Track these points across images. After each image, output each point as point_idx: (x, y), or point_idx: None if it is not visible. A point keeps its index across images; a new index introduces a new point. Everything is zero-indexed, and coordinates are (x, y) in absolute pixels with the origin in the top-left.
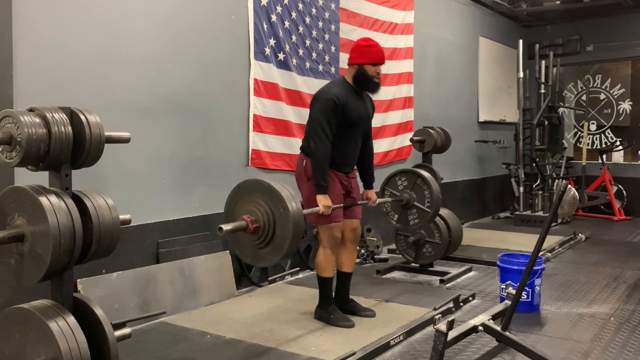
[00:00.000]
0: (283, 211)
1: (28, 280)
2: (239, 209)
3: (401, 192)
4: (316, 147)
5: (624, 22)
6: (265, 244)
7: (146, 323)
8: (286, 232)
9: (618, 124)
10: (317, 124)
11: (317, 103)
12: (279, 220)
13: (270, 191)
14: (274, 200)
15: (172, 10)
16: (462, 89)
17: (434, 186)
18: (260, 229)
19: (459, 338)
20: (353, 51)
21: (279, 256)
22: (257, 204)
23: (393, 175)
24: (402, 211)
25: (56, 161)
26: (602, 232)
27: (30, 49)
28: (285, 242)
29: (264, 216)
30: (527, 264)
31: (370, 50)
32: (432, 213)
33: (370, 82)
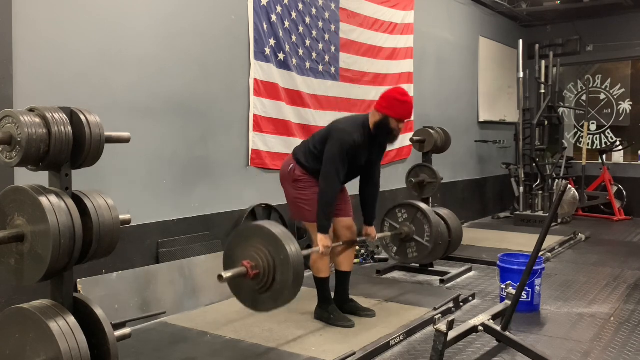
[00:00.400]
0: (284, 257)
1: (28, 280)
2: (238, 254)
3: (401, 225)
4: (327, 187)
5: (624, 22)
6: (265, 290)
7: (146, 323)
8: (287, 278)
9: (618, 124)
10: (332, 163)
11: (338, 143)
12: (279, 266)
13: (270, 236)
14: (274, 245)
15: (172, 10)
16: (462, 89)
17: (434, 220)
18: (260, 275)
19: (459, 338)
20: (384, 99)
21: (279, 303)
22: (257, 249)
23: (393, 208)
24: (401, 244)
25: (56, 161)
26: (602, 232)
27: (30, 49)
28: (285, 289)
29: (264, 262)
30: (527, 264)
31: (401, 105)
32: (432, 248)
33: (390, 135)
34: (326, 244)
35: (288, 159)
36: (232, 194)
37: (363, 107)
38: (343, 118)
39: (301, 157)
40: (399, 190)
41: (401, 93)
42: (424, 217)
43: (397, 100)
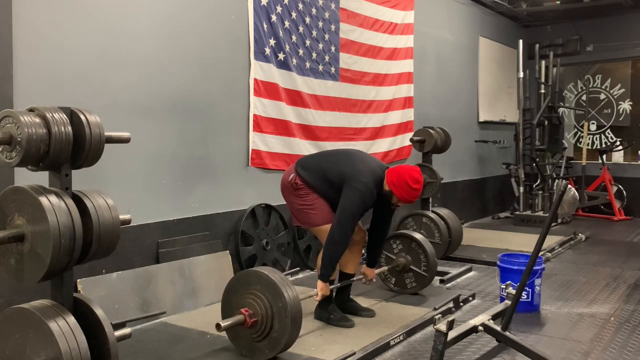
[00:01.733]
0: (282, 305)
1: (28, 280)
2: (236, 301)
3: (397, 256)
4: (340, 237)
5: (624, 22)
6: (262, 337)
7: (146, 323)
8: (284, 327)
9: (618, 124)
10: (351, 214)
11: (359, 196)
12: (277, 314)
13: (269, 284)
14: (273, 293)
15: (172, 10)
16: (462, 89)
17: (429, 249)
18: (258, 322)
19: (459, 338)
20: (397, 176)
21: (275, 351)
22: (255, 296)
23: (387, 240)
24: (398, 275)
25: (56, 161)
26: (602, 232)
27: (30, 49)
28: (283, 338)
29: (261, 309)
30: (527, 264)
31: (410, 192)
32: (429, 277)
33: (390, 205)
34: (325, 292)
35: (289, 170)
36: (232, 194)
37: (363, 107)
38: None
39: (306, 173)
40: None
41: (415, 180)
42: (419, 246)
43: (409, 187)
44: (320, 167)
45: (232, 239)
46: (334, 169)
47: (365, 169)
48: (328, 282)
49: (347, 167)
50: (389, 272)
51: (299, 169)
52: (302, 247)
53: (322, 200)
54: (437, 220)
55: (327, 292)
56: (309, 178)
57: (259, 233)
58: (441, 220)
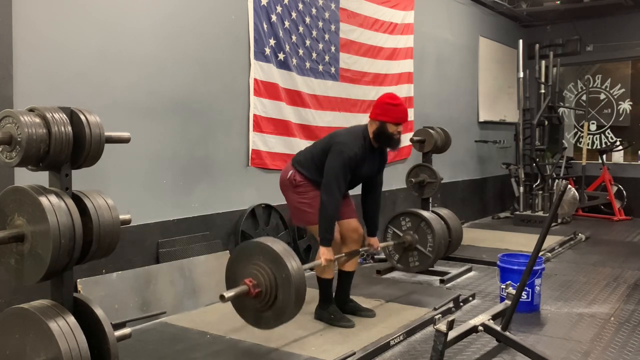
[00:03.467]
0: (285, 276)
1: (28, 280)
2: (240, 272)
3: (404, 233)
4: (328, 200)
5: (624, 22)
6: (267, 307)
7: (146, 323)
8: (288, 297)
9: (618, 124)
10: (334, 177)
11: (339, 156)
12: (281, 284)
13: (272, 254)
14: (276, 263)
15: (172, 10)
16: (462, 89)
17: (437, 230)
18: (262, 293)
19: (459, 338)
20: (377, 107)
21: (281, 321)
22: (259, 266)
23: (397, 216)
24: (403, 252)
25: (56, 161)
26: (602, 232)
27: (30, 49)
28: (287, 307)
29: (265, 280)
30: (527, 264)
31: (395, 109)
32: (433, 258)
33: (391, 140)
34: (328, 257)
35: (287, 167)
36: (232, 194)
37: (363, 107)
38: (343, 130)
39: (301, 168)
40: (399, 190)
41: (392, 97)
42: (428, 227)
43: (390, 104)
44: (310, 154)
45: (232, 239)
46: (320, 147)
47: (342, 132)
48: (330, 247)
49: (327, 138)
50: (393, 249)
51: (296, 165)
52: (302, 247)
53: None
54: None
55: (331, 257)
56: (306, 172)
57: (259, 233)
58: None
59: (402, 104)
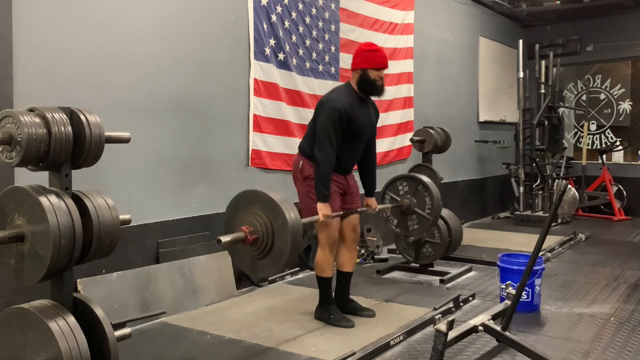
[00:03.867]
0: (281, 223)
1: (28, 280)
2: (237, 220)
3: (402, 198)
4: (322, 157)
5: (624, 22)
6: (264, 254)
7: (146, 323)
8: (285, 243)
9: (618, 124)
10: (325, 133)
11: (325, 111)
12: (278, 231)
13: (268, 202)
14: (273, 211)
15: (172, 10)
16: (462, 89)
17: (435, 193)
18: (259, 240)
19: (459, 338)
20: (356, 56)
21: (278, 267)
22: (255, 214)
23: (394, 180)
24: (401, 217)
25: (56, 161)
26: (602, 232)
27: (30, 49)
28: (284, 253)
29: (262, 227)
30: (527, 264)
31: (374, 55)
32: (432, 220)
33: (374, 86)
34: (326, 212)
35: (296, 157)
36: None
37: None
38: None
39: (306, 150)
40: None
41: (369, 45)
42: (425, 189)
43: (367, 51)
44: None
45: None
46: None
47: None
48: (327, 203)
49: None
50: (391, 213)
51: (302, 152)
52: (303, 244)
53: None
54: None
55: (328, 212)
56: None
57: None
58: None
59: (380, 50)
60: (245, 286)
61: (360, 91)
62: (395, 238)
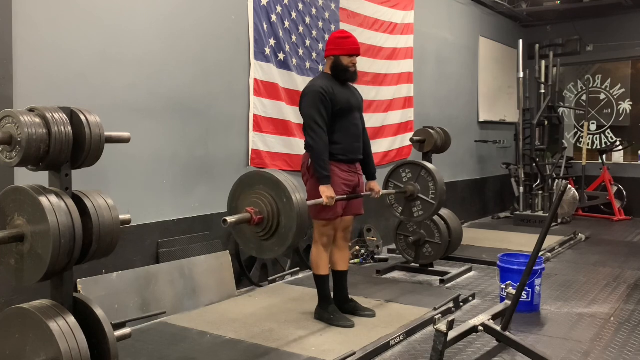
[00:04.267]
0: (287, 201)
1: (28, 280)
2: (242, 202)
3: (405, 184)
4: (313, 140)
5: (624, 22)
6: (270, 235)
7: (146, 323)
8: (291, 222)
9: (618, 124)
10: (309, 119)
11: (305, 99)
12: (283, 210)
13: (273, 182)
14: (277, 191)
15: (172, 10)
16: (462, 89)
17: (438, 178)
18: (265, 220)
19: (459, 338)
20: (328, 43)
21: (285, 247)
22: (260, 195)
23: (397, 168)
24: (406, 203)
25: (56, 161)
26: (602, 232)
27: (30, 49)
28: (290, 232)
29: (267, 207)
30: (527, 264)
31: (345, 41)
32: (437, 205)
33: (347, 72)
34: (329, 194)
35: (304, 156)
36: None
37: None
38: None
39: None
40: None
41: (341, 32)
42: (428, 174)
43: (339, 38)
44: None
45: (232, 239)
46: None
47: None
48: (329, 185)
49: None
50: (395, 201)
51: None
52: (302, 247)
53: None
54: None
55: (332, 194)
56: None
57: None
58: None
59: (351, 37)
60: (245, 286)
61: (335, 78)
62: (394, 238)
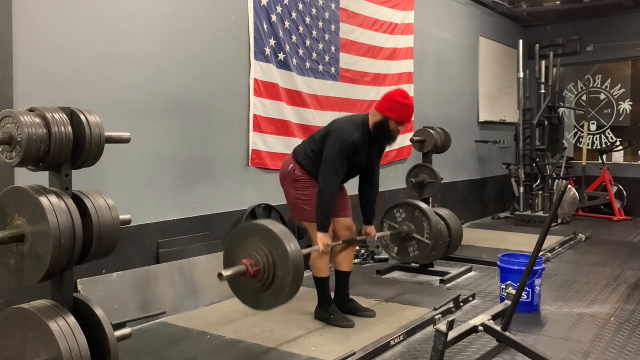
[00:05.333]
0: (282, 252)
1: (28, 280)
2: (238, 254)
3: (400, 224)
4: (325, 185)
5: (624, 22)
6: (266, 287)
7: (146, 323)
8: (286, 273)
9: (618, 124)
10: (331, 162)
11: (336, 142)
12: (279, 261)
13: (267, 233)
14: (272, 241)
15: (172, 10)
16: (462, 89)
17: (433, 217)
18: (261, 272)
19: (459, 338)
20: (385, 100)
21: (281, 299)
22: (255, 247)
23: (391, 208)
24: (401, 243)
25: (56, 161)
26: (602, 232)
27: (30, 49)
28: (286, 283)
29: (263, 259)
30: (527, 264)
31: (402, 108)
32: (432, 244)
33: (389, 137)
34: (326, 242)
35: (288, 159)
36: (232, 194)
37: (363, 107)
38: (342, 117)
39: (301, 159)
40: (399, 190)
41: (403, 96)
42: (422, 214)
43: (398, 102)
44: (309, 145)
45: None
46: (319, 135)
47: (343, 119)
48: (327, 233)
49: (327, 126)
50: (391, 241)
51: (296, 157)
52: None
53: None
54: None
55: (328, 242)
56: (305, 163)
57: None
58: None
59: (410, 105)
60: None
61: (374, 133)
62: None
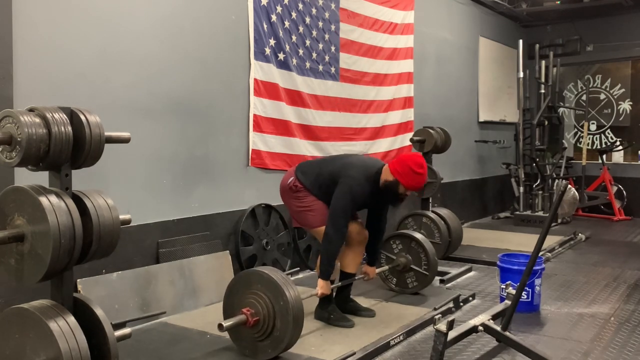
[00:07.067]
0: (283, 303)
1: (28, 280)
2: (238, 301)
3: (397, 256)
4: (334, 233)
5: (624, 22)
6: (265, 337)
7: (146, 323)
8: (286, 326)
9: (618, 124)
10: (342, 210)
11: (350, 192)
12: (279, 312)
13: (270, 282)
14: (274, 292)
15: (172, 10)
16: (462, 89)
17: (429, 248)
18: (260, 322)
19: (459, 338)
20: (400, 164)
21: (279, 350)
22: (257, 295)
23: (387, 240)
24: (399, 275)
25: (56, 161)
26: (602, 232)
27: (30, 49)
28: (285, 336)
29: (263, 309)
30: (527, 264)
31: (415, 177)
32: (430, 276)
33: (396, 199)
34: (325, 291)
35: (289, 173)
36: (232, 194)
37: (363, 107)
38: (357, 162)
39: (304, 178)
40: None
41: (418, 164)
42: (419, 245)
43: (413, 171)
44: (317, 171)
45: (232, 239)
46: (328, 170)
47: (357, 164)
48: (328, 281)
49: (339, 165)
50: (389, 273)
51: (299, 173)
52: (302, 247)
53: (320, 202)
54: (437, 220)
55: (328, 291)
56: (307, 182)
57: (259, 233)
58: (441, 220)
59: (424, 175)
60: None
61: (382, 191)
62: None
